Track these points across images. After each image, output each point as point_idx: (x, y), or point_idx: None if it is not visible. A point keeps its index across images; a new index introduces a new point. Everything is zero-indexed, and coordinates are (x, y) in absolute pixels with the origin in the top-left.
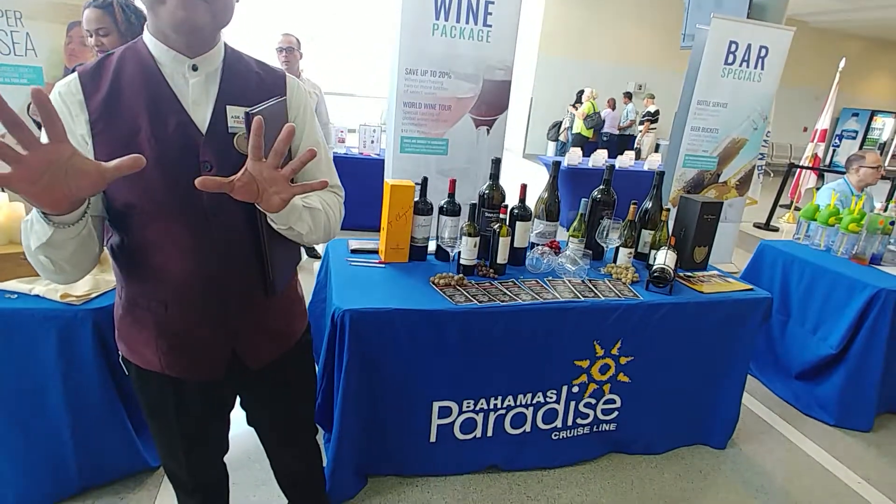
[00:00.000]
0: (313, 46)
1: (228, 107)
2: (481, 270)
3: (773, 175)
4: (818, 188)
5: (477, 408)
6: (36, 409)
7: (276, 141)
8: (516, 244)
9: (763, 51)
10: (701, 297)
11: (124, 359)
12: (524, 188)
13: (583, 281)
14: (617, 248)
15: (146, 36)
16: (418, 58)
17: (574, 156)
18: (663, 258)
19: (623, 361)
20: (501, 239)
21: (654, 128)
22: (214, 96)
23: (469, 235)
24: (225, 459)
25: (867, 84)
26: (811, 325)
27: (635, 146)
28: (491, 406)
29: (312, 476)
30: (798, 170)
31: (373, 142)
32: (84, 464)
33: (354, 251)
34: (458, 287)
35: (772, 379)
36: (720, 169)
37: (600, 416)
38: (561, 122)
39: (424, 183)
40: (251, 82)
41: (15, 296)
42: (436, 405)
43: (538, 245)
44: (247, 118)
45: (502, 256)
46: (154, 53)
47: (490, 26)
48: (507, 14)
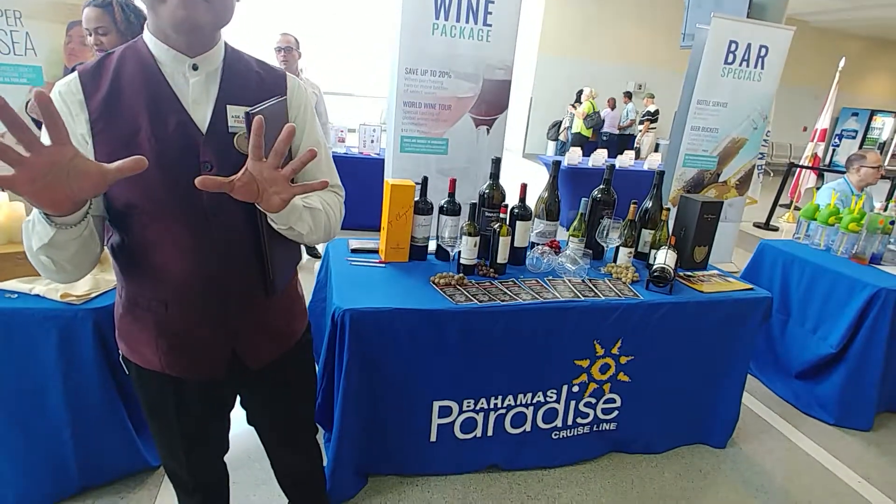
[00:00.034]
0: (313, 46)
1: (229, 106)
2: (481, 270)
3: (773, 175)
4: (818, 188)
5: (477, 407)
6: (36, 409)
7: (277, 141)
8: (516, 244)
9: (763, 50)
10: (701, 297)
11: (125, 358)
12: (524, 188)
13: (583, 280)
14: (617, 248)
15: (146, 35)
16: (418, 57)
17: (574, 155)
18: (663, 258)
19: (623, 361)
20: (502, 238)
21: (654, 127)
22: (215, 96)
23: (469, 235)
24: (225, 459)
25: (867, 83)
26: (811, 325)
27: (635, 146)
28: (491, 405)
29: (313, 475)
30: (798, 169)
31: (373, 141)
32: (84, 463)
33: (355, 251)
34: (459, 287)
35: (772, 378)
36: (720, 168)
37: (600, 416)
38: (561, 122)
39: (424, 182)
40: (251, 82)
41: (15, 295)
42: (436, 405)
43: (538, 245)
44: (247, 118)
45: (502, 256)
46: (154, 52)
47: (490, 26)
48: (507, 13)
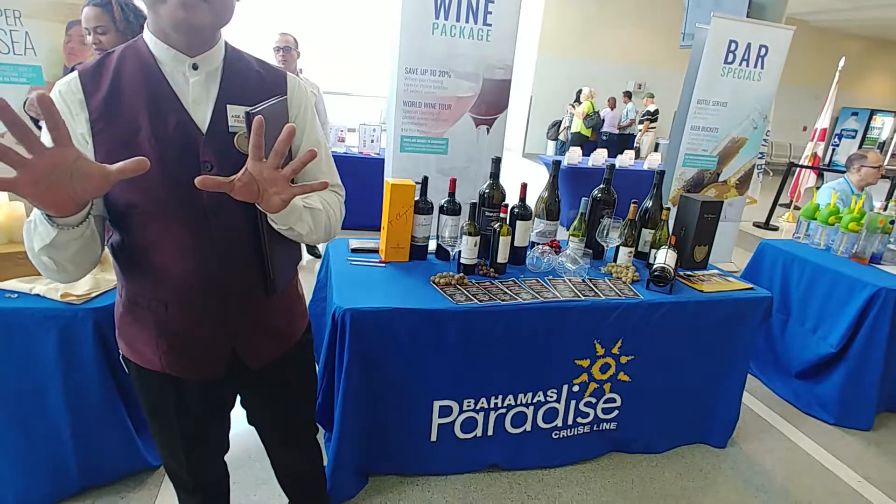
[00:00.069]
0: (313, 46)
1: (229, 106)
2: (482, 269)
3: (773, 174)
4: (818, 187)
5: (477, 407)
6: (36, 409)
7: (277, 141)
8: (517, 243)
9: (763, 50)
10: (701, 297)
11: (125, 358)
12: (524, 187)
13: (583, 280)
14: (617, 248)
15: (146, 34)
16: (418, 57)
17: (574, 155)
18: (663, 257)
19: (623, 360)
20: (502, 238)
21: (654, 127)
22: (215, 95)
23: (469, 234)
24: (226, 458)
25: (867, 83)
26: (811, 324)
27: (635, 145)
28: (491, 405)
29: (313, 475)
30: (798, 169)
31: (372, 141)
32: (84, 463)
33: (355, 250)
34: (459, 286)
35: (772, 378)
36: (720, 168)
37: (601, 416)
38: (560, 122)
39: (425, 182)
40: (252, 81)
41: (15, 295)
42: (436, 404)
43: (538, 244)
44: (247, 118)
45: (503, 255)
46: (154, 52)
47: (490, 25)
48: (507, 13)
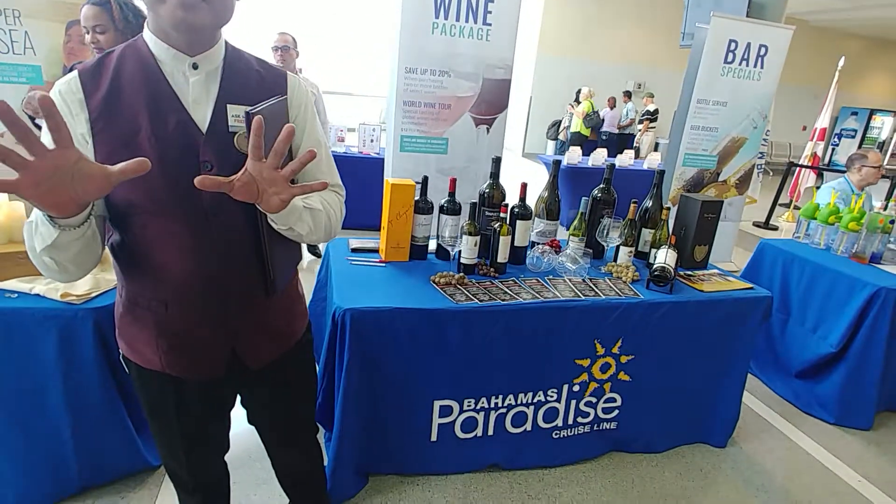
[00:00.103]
0: (312, 46)
1: (229, 106)
2: (482, 269)
3: (773, 174)
4: (817, 187)
5: (478, 407)
6: (36, 409)
7: (276, 141)
8: (517, 243)
9: (762, 49)
10: (701, 296)
11: (125, 357)
12: (524, 187)
13: (583, 280)
14: (617, 247)
15: (146, 34)
16: (418, 56)
17: (574, 155)
18: (664, 257)
19: (623, 360)
20: (502, 238)
21: (654, 126)
22: (215, 95)
23: (469, 234)
24: (226, 458)
25: (866, 83)
26: (811, 324)
27: (634, 145)
28: (492, 405)
29: (313, 475)
30: (797, 168)
31: (372, 141)
32: (84, 463)
33: (355, 250)
34: (459, 286)
35: (772, 377)
36: (720, 168)
37: (601, 415)
38: (560, 121)
39: (425, 182)
40: (252, 81)
41: (15, 295)
42: (437, 404)
43: (539, 244)
44: (247, 117)
45: (503, 255)
46: (154, 51)
47: (490, 25)
48: (507, 13)
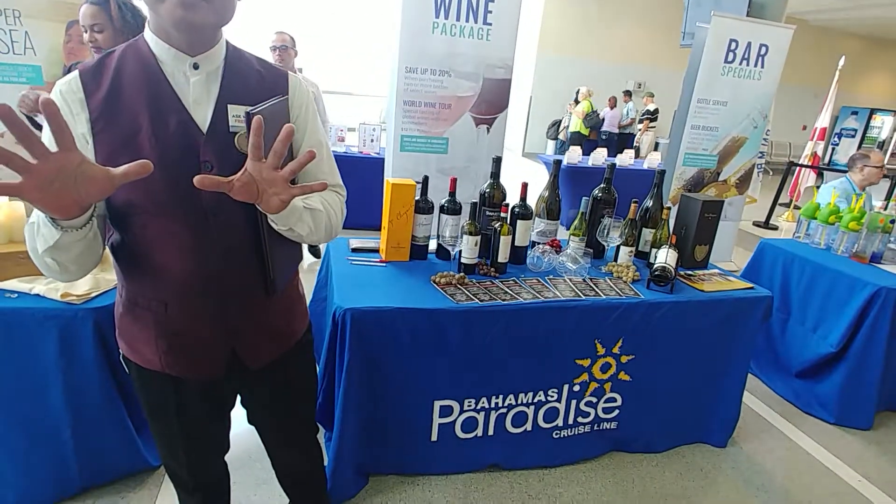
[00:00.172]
0: (312, 45)
1: (230, 106)
2: (482, 269)
3: (773, 173)
4: (818, 186)
5: (478, 407)
6: (36, 409)
7: (276, 141)
8: (517, 243)
9: (763, 49)
10: (702, 296)
11: (125, 357)
12: (525, 187)
13: (584, 279)
14: (618, 247)
15: (147, 34)
16: (418, 56)
17: (574, 154)
18: (664, 257)
19: (624, 360)
20: (502, 238)
21: (654, 126)
22: (215, 95)
23: (470, 234)
24: (226, 458)
25: (866, 82)
26: (811, 324)
27: (634, 144)
28: (492, 405)
29: (313, 475)
30: (797, 168)
31: (372, 140)
32: (85, 463)
33: (355, 250)
34: (459, 286)
35: (772, 377)
36: (720, 167)
37: (601, 415)
38: (560, 121)
39: (425, 182)
40: (253, 81)
41: (15, 295)
42: (437, 404)
43: (539, 244)
44: (247, 118)
45: (503, 255)
46: (155, 51)
47: (490, 24)
48: (508, 12)
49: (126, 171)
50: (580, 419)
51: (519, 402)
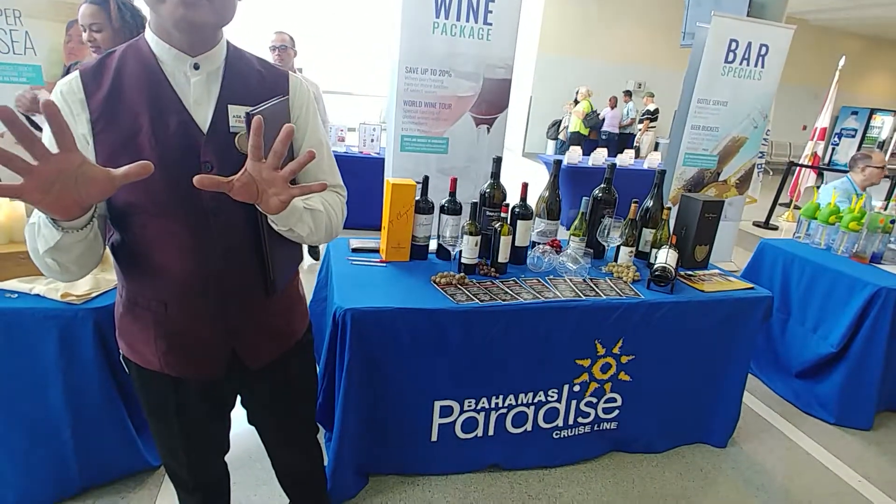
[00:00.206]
0: (312, 45)
1: (230, 106)
2: (482, 269)
3: (773, 173)
4: (818, 186)
5: (478, 407)
6: (36, 409)
7: (275, 141)
8: (517, 243)
9: (763, 49)
10: (702, 296)
11: (125, 358)
12: (525, 187)
13: (584, 280)
14: (618, 247)
15: (148, 34)
16: (419, 56)
17: (574, 154)
18: (664, 257)
19: (624, 360)
20: (503, 238)
21: (654, 126)
22: (216, 95)
23: (470, 234)
24: (226, 458)
25: (866, 82)
26: (811, 324)
27: (634, 144)
28: (492, 405)
29: (313, 475)
30: (797, 168)
31: (372, 140)
32: (85, 463)
33: (355, 250)
34: (460, 286)
35: (772, 377)
36: (720, 167)
37: (601, 415)
38: (560, 121)
39: (425, 182)
40: (253, 81)
41: (15, 295)
42: (437, 404)
43: (539, 244)
44: (247, 118)
45: (503, 255)
46: (156, 52)
47: (490, 24)
48: (508, 12)
49: (126, 172)
50: (580, 419)
51: (519, 403)
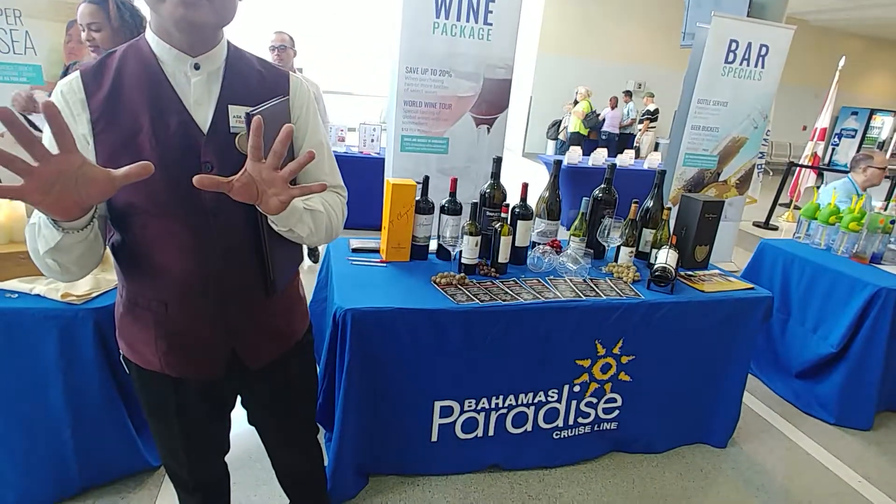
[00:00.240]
0: (312, 45)
1: (230, 106)
2: (483, 269)
3: (773, 174)
4: (818, 187)
5: (478, 407)
6: (37, 409)
7: (275, 141)
8: (518, 243)
9: (763, 49)
10: (702, 297)
11: (125, 358)
12: (525, 187)
13: (584, 280)
14: (618, 248)
15: (148, 34)
16: (419, 56)
17: (574, 155)
18: (664, 257)
19: (624, 360)
20: (503, 238)
21: (654, 126)
22: (216, 96)
23: (470, 234)
24: (226, 459)
25: (866, 83)
26: (811, 324)
27: (634, 145)
28: (492, 405)
29: (313, 475)
30: (797, 168)
31: (373, 140)
32: (85, 463)
33: (356, 250)
34: (460, 286)
35: (772, 378)
36: (720, 168)
37: (601, 416)
38: (560, 121)
39: (426, 182)
40: (254, 81)
41: (16, 295)
42: (437, 404)
43: (539, 244)
44: (247, 118)
45: (504, 255)
46: (156, 52)
47: (491, 24)
48: (508, 12)
49: (127, 173)
50: (580, 420)
51: (519, 403)
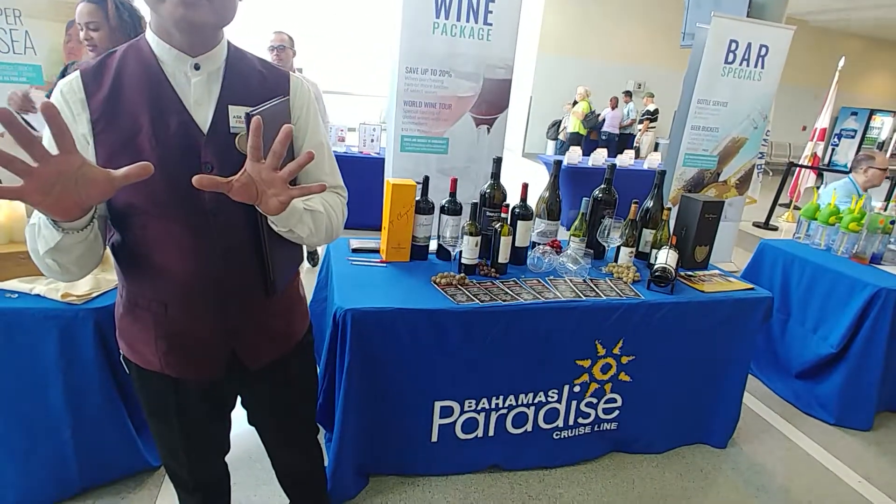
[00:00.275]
0: (312, 45)
1: (230, 107)
2: (483, 270)
3: (773, 174)
4: (817, 187)
5: (478, 407)
6: (37, 409)
7: (275, 142)
8: (518, 243)
9: (763, 50)
10: (702, 297)
11: (125, 358)
12: (525, 187)
13: (584, 280)
14: (618, 248)
15: (148, 34)
16: (419, 56)
17: (574, 155)
18: (664, 257)
19: (624, 361)
20: (503, 238)
21: (654, 126)
22: (216, 96)
23: (470, 235)
24: (226, 459)
25: (866, 83)
26: (811, 325)
27: (634, 145)
28: (492, 406)
29: (313, 475)
30: (797, 169)
31: (373, 140)
32: (85, 463)
33: (356, 250)
34: (460, 286)
35: (772, 378)
36: (720, 168)
37: (601, 416)
38: (560, 121)
39: (426, 182)
40: (254, 81)
41: (16, 295)
42: (437, 405)
43: (539, 244)
44: (247, 119)
45: (504, 256)
46: (156, 52)
47: (491, 25)
48: (508, 12)
49: (127, 174)
50: (580, 420)
51: (519, 403)
